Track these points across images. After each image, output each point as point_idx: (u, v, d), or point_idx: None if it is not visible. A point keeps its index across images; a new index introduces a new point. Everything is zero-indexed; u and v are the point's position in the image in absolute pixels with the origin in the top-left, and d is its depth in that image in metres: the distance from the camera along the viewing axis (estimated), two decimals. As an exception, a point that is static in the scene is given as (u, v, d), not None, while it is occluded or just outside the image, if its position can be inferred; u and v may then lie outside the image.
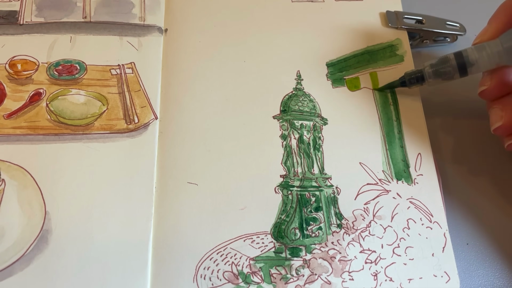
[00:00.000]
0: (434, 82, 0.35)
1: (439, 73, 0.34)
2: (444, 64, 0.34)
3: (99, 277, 0.30)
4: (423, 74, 0.35)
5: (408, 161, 0.35)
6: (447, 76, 0.34)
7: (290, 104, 0.36)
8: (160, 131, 0.35)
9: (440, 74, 0.34)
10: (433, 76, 0.35)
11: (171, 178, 0.33)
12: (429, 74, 0.35)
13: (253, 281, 0.30)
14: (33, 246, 0.30)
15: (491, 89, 0.33)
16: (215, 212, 0.32)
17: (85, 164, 0.33)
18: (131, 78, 0.36)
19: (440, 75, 0.34)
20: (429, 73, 0.35)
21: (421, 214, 0.33)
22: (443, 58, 0.34)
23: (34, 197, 0.31)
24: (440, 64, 0.34)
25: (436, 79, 0.35)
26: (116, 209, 0.31)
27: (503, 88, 0.33)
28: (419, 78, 0.35)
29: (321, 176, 0.34)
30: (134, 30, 0.38)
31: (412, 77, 0.36)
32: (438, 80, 0.35)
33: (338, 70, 0.38)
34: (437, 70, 0.34)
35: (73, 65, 0.36)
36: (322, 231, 0.32)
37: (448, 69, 0.34)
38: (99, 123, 0.34)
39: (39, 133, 0.33)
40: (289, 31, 0.40)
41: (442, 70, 0.34)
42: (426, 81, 0.35)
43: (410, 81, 0.36)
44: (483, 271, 0.34)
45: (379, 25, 0.40)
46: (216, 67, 0.37)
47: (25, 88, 0.35)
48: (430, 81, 0.35)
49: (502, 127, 0.33)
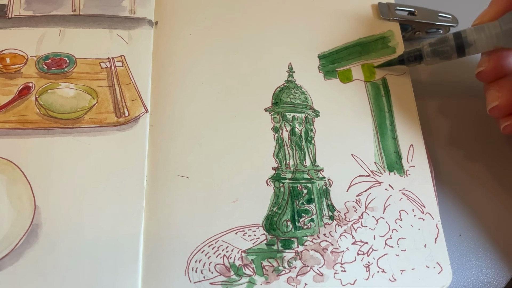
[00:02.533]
0: (432, 61, 0.35)
1: (437, 52, 0.35)
2: (443, 44, 0.34)
3: (90, 271, 0.29)
4: (421, 53, 0.35)
5: (400, 153, 0.35)
6: (445, 56, 0.35)
7: (282, 96, 0.36)
8: (151, 124, 0.34)
9: (438, 53, 0.35)
10: (431, 55, 0.35)
11: (162, 171, 0.33)
12: (427, 52, 0.35)
13: (245, 273, 0.30)
14: (23, 240, 0.30)
15: (488, 71, 0.33)
16: (206, 205, 0.32)
17: (75, 158, 0.32)
18: (121, 71, 0.36)
19: (438, 54, 0.35)
20: (427, 51, 0.35)
21: (413, 205, 0.33)
22: (442, 38, 0.35)
23: (24, 191, 0.31)
24: (438, 43, 0.35)
25: (434, 58, 0.35)
26: (106, 203, 0.31)
27: (500, 70, 0.33)
28: (417, 56, 0.36)
29: (313, 168, 0.34)
30: (124, 23, 0.38)
31: (410, 55, 0.36)
32: (436, 59, 0.35)
33: (330, 62, 0.38)
34: (435, 49, 0.35)
35: (62, 59, 0.36)
36: (314, 223, 0.32)
37: (446, 49, 0.34)
38: (89, 117, 0.34)
39: (28, 127, 0.33)
40: (281, 23, 0.39)
41: (440, 49, 0.34)
42: (424, 59, 0.35)
43: (408, 59, 0.36)
44: (475, 262, 0.34)
45: (371, 17, 0.40)
46: (207, 60, 0.37)
47: (14, 82, 0.35)
48: (428, 60, 0.35)
49: (498, 108, 0.33)
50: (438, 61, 0.35)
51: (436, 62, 0.35)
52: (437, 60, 0.35)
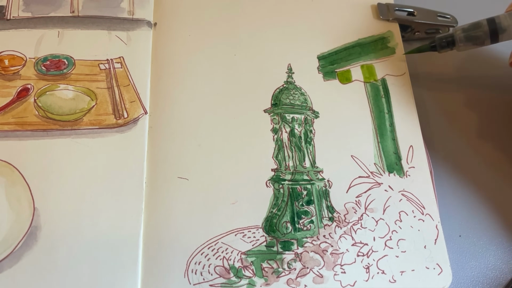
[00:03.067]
0: (464, 47, 0.35)
1: (470, 37, 0.35)
2: (476, 29, 0.34)
3: (90, 273, 0.29)
4: (453, 38, 0.35)
5: (400, 154, 0.35)
6: (478, 41, 0.35)
7: (281, 97, 0.36)
8: (150, 126, 0.34)
9: (472, 38, 0.35)
10: (464, 40, 0.35)
11: (161, 173, 0.33)
12: (460, 38, 0.35)
13: (244, 275, 0.30)
14: (22, 242, 0.30)
15: None
16: (206, 207, 0.32)
17: (74, 160, 0.32)
18: (120, 73, 0.36)
19: (471, 39, 0.35)
20: (460, 37, 0.35)
21: (413, 207, 0.33)
22: (475, 23, 0.35)
23: (23, 194, 0.31)
24: (472, 29, 0.35)
25: (466, 43, 0.35)
26: (106, 205, 0.31)
27: None
28: (449, 42, 0.36)
29: (312, 170, 0.34)
30: (123, 24, 0.38)
31: (443, 40, 0.36)
32: (469, 44, 0.35)
33: (330, 63, 0.38)
34: (468, 35, 0.35)
35: (61, 60, 0.36)
36: (313, 224, 0.32)
37: (480, 34, 0.34)
38: (88, 119, 0.34)
39: (27, 129, 0.33)
40: (280, 24, 0.39)
41: (474, 34, 0.35)
42: (456, 45, 0.35)
43: (440, 45, 0.36)
44: (475, 263, 0.33)
45: (370, 18, 0.40)
46: (206, 61, 0.37)
47: (12, 84, 0.35)
48: (461, 45, 0.35)
49: None
50: (471, 46, 0.35)
51: (468, 48, 0.35)
52: (470, 46, 0.35)
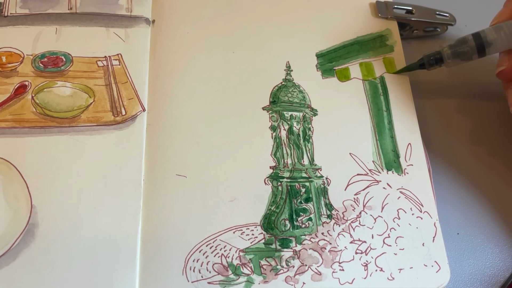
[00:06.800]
0: (453, 63, 0.35)
1: (457, 53, 0.35)
2: (463, 45, 0.34)
3: (87, 270, 0.29)
4: (441, 56, 0.35)
5: (398, 151, 0.35)
6: (465, 57, 0.35)
7: (280, 95, 0.36)
8: (148, 123, 0.34)
9: (459, 54, 0.35)
10: (452, 56, 0.35)
11: (160, 170, 0.33)
12: (447, 55, 0.35)
13: (243, 272, 0.30)
14: (19, 240, 0.29)
15: (509, 70, 0.34)
16: (204, 204, 0.32)
17: (71, 157, 0.32)
18: (118, 70, 0.36)
19: (458, 55, 0.35)
20: (447, 54, 0.35)
21: (411, 204, 0.33)
22: (461, 39, 0.35)
23: (20, 191, 0.31)
24: (458, 45, 0.35)
25: (454, 59, 0.35)
26: (103, 202, 0.31)
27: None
28: (437, 59, 0.36)
29: (311, 167, 0.34)
30: (121, 21, 0.37)
31: (431, 58, 0.36)
32: (457, 60, 0.35)
33: (328, 61, 0.38)
34: (455, 51, 0.35)
35: (58, 57, 0.36)
36: (312, 222, 0.32)
37: (467, 49, 0.34)
38: (86, 116, 0.34)
39: (24, 126, 0.33)
40: (279, 21, 0.39)
41: (461, 50, 0.35)
42: (444, 62, 0.35)
43: (429, 63, 0.36)
44: (473, 261, 0.34)
45: (369, 15, 0.40)
46: (205, 58, 0.37)
47: (10, 81, 0.34)
48: (449, 62, 0.35)
49: None
50: (459, 62, 0.35)
51: (457, 64, 0.35)
52: (458, 62, 0.35)
